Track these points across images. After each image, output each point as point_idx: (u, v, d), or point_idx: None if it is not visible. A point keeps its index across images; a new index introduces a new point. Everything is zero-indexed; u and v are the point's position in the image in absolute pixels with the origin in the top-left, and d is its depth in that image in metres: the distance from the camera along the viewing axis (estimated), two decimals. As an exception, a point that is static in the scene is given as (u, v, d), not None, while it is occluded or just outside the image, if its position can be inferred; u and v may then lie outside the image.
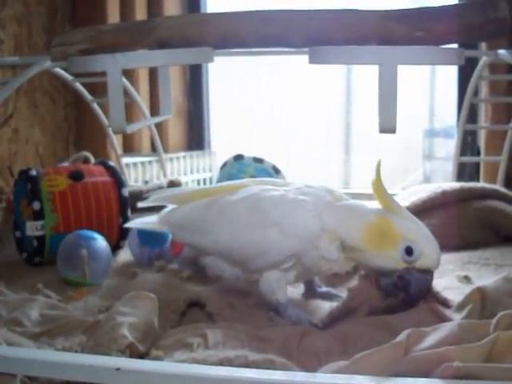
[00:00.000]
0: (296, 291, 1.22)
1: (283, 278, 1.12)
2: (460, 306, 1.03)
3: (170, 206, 1.28)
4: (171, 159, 2.34)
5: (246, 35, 1.09)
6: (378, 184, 1.08)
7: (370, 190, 1.10)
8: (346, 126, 2.73)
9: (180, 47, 1.11)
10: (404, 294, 1.04)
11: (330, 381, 0.75)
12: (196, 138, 2.54)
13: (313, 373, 0.81)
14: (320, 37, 1.07)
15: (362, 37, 1.06)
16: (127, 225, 1.40)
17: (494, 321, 0.86)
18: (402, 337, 0.84)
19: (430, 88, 2.68)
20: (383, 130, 0.98)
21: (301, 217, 1.10)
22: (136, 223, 1.37)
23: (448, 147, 2.57)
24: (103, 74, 1.11)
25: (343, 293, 1.18)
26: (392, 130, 0.97)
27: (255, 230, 1.12)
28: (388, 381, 0.75)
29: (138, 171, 2.27)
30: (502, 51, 1.64)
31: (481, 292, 1.00)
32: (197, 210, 1.20)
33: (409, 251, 1.03)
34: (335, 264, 1.11)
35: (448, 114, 2.48)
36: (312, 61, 1.03)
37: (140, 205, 1.32)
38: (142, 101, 2.13)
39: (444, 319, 0.98)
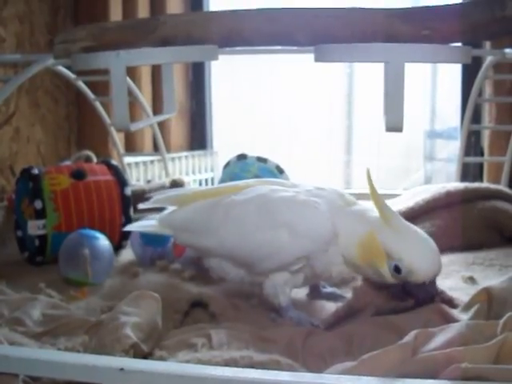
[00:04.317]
0: (300, 291, 1.21)
1: (290, 281, 1.11)
2: (466, 307, 1.02)
3: (170, 208, 1.26)
4: (173, 159, 2.33)
5: (251, 33, 1.08)
6: (373, 193, 1.05)
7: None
8: (348, 126, 2.72)
9: (184, 45, 1.10)
10: (412, 299, 1.04)
11: (337, 382, 0.75)
12: (198, 138, 2.53)
13: (320, 374, 0.80)
14: (325, 35, 1.06)
15: (367, 35, 1.05)
16: (127, 228, 1.37)
17: (501, 322, 0.85)
18: (409, 338, 0.83)
19: (432, 89, 2.67)
20: (390, 129, 0.97)
21: (313, 217, 1.08)
22: (136, 226, 1.35)
23: (449, 148, 2.57)
24: (106, 72, 1.10)
25: (348, 293, 1.17)
26: (399, 129, 0.96)
27: (265, 230, 1.10)
28: (395, 382, 0.74)
29: (139, 171, 2.26)
30: (509, 50, 1.63)
31: (488, 292, 0.99)
32: (201, 211, 1.18)
33: (397, 270, 1.01)
34: (345, 270, 1.10)
35: (449, 115, 2.48)
36: (318, 59, 1.02)
37: (141, 206, 1.31)
38: (145, 100, 2.12)
39: (450, 319, 0.97)
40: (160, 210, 1.30)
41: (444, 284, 1.19)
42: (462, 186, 1.64)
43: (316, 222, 1.08)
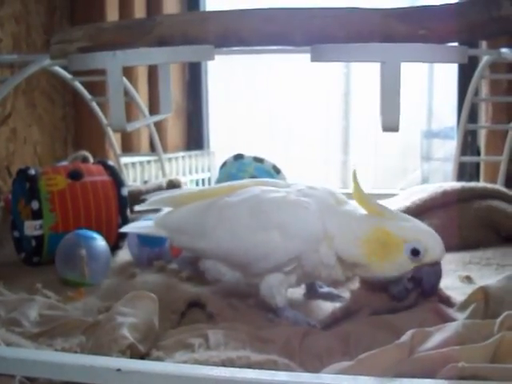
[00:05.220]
0: (297, 291, 1.21)
1: (284, 282, 1.11)
2: (463, 306, 1.02)
3: (166, 209, 1.26)
4: (170, 159, 2.33)
5: (248, 33, 1.08)
6: (358, 193, 1.08)
7: (367, 191, 1.10)
8: (345, 126, 2.72)
9: (180, 45, 1.10)
10: (417, 291, 1.04)
11: (334, 381, 0.75)
12: (195, 138, 2.53)
13: (317, 373, 0.80)
14: (321, 35, 1.06)
15: (363, 35, 1.05)
16: (123, 229, 1.37)
17: (498, 321, 0.85)
18: (406, 337, 0.83)
19: (428, 89, 2.67)
20: (386, 129, 0.97)
21: (304, 218, 1.08)
22: (132, 227, 1.35)
23: (446, 148, 2.57)
24: (103, 72, 1.10)
25: (345, 293, 1.17)
26: (395, 129, 0.96)
27: (257, 232, 1.10)
28: (393, 381, 0.74)
29: (136, 171, 2.26)
30: (505, 50, 1.63)
31: (484, 291, 1.00)
32: (195, 213, 1.18)
33: (415, 252, 1.03)
34: (333, 271, 1.10)
35: (446, 114, 2.48)
36: (314, 59, 1.02)
37: (137, 208, 1.31)
38: (141, 100, 2.12)
39: (446, 319, 0.97)
40: (158, 209, 1.30)
41: (441, 283, 1.19)
42: (458, 185, 1.64)
43: (306, 221, 1.08)
